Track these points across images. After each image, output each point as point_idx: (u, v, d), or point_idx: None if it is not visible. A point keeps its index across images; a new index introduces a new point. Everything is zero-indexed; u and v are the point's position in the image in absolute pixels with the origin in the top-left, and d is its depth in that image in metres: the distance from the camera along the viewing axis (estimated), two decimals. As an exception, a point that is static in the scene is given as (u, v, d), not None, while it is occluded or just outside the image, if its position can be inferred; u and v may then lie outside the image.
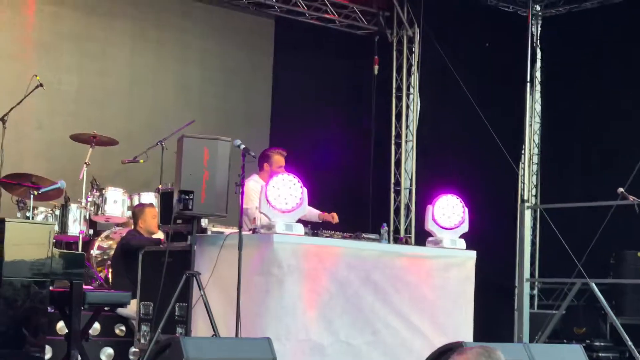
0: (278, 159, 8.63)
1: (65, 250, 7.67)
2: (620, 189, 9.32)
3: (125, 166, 10.43)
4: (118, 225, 10.03)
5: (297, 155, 12.32)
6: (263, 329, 6.79)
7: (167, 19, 12.15)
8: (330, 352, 7.17)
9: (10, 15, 11.00)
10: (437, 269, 7.95)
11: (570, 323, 12.38)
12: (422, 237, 9.05)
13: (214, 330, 6.85)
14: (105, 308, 8.01)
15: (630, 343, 9.99)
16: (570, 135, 13.64)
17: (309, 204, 7.44)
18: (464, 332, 8.02)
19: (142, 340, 7.62)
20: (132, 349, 8.32)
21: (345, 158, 13.43)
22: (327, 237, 7.41)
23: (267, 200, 7.01)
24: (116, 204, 9.86)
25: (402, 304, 7.62)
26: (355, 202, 13.32)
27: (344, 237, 7.56)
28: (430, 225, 8.15)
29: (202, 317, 7.01)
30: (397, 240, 11.47)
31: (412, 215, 13.27)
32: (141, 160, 10.29)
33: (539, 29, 14.35)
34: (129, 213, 9.81)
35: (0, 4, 10.93)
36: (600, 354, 11.82)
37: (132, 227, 9.16)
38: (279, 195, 7.04)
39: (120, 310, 8.33)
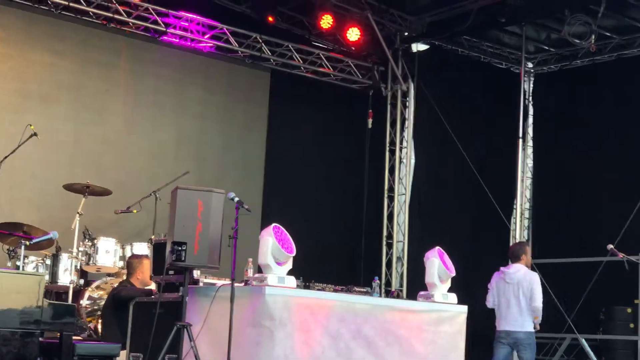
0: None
1: (55, 302, 7.65)
2: (610, 246, 9.37)
3: (118, 216, 10.45)
4: (109, 275, 10.00)
5: (291, 207, 12.41)
6: (254, 382, 6.77)
7: (165, 70, 12.25)
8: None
9: (10, 66, 11.09)
10: (428, 323, 7.95)
11: (560, 379, 12.37)
12: (414, 290, 9.07)
13: (204, 383, 6.82)
14: (95, 360, 7.97)
15: (620, 400, 9.96)
16: (561, 190, 13.72)
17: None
18: (455, 386, 8.01)
19: (132, 392, 7.57)
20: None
21: (338, 210, 13.48)
22: (318, 290, 7.41)
23: (272, 254, 7.02)
24: (108, 254, 9.82)
25: (392, 358, 7.61)
26: (347, 255, 13.34)
27: (335, 290, 7.57)
28: (430, 278, 8.20)
29: (193, 369, 6.99)
30: (388, 293, 11.47)
31: (404, 268, 13.28)
32: (134, 211, 10.31)
33: (531, 85, 14.52)
34: (121, 263, 9.78)
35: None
36: (590, 410, 11.79)
37: (124, 277, 9.13)
38: (283, 246, 7.07)
39: (109, 362, 8.28)
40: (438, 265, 8.24)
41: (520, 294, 9.25)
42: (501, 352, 9.37)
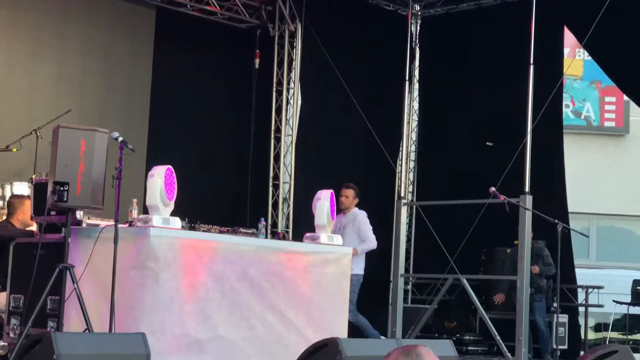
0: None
1: None
2: (492, 188, 9.59)
3: (-4, 155, 10.16)
4: (-12, 216, 9.74)
5: (176, 148, 12.26)
6: (138, 324, 6.72)
7: (45, 5, 11.82)
8: (208, 347, 7.16)
9: None
10: (313, 264, 8.03)
11: (441, 317, 12.71)
12: (300, 231, 9.13)
13: (87, 325, 6.74)
14: (-27, 301, 7.77)
15: (498, 337, 10.29)
16: (446, 133, 13.93)
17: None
18: (339, 327, 8.13)
19: (12, 334, 7.44)
20: (1, 343, 8.10)
21: (225, 151, 13.40)
22: (204, 231, 7.39)
23: (159, 193, 6.93)
24: (-14, 194, 9.58)
25: (278, 300, 7.67)
26: (234, 196, 13.31)
27: (221, 232, 7.56)
28: (320, 220, 8.28)
29: (76, 311, 6.90)
30: (274, 235, 11.51)
31: (291, 209, 13.34)
32: (14, 149, 10.05)
33: (418, 28, 14.61)
34: (0, 203, 9.54)
35: None
36: (469, 348, 12.16)
37: (4, 217, 8.90)
38: (167, 190, 6.98)
39: (-12, 304, 8.10)
40: (327, 208, 8.31)
41: None
42: None
